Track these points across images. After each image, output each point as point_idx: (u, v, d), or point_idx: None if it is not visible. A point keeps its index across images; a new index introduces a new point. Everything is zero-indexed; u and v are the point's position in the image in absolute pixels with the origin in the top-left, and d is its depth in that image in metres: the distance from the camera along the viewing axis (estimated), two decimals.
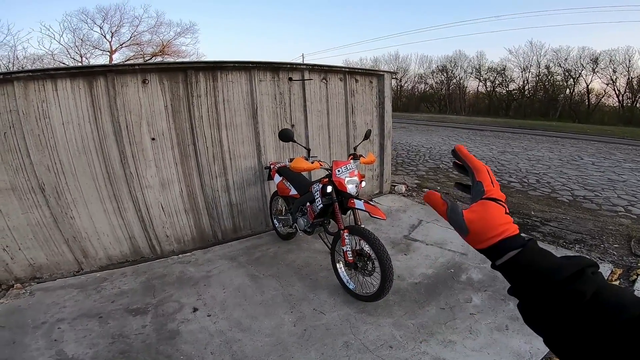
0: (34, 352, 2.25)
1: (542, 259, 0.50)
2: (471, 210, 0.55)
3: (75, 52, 22.88)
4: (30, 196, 2.98)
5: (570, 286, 0.46)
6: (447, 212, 0.57)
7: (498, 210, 0.54)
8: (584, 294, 0.45)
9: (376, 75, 5.19)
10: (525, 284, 0.50)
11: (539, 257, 0.50)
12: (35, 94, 2.85)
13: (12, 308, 2.75)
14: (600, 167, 8.27)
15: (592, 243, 3.68)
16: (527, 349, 2.19)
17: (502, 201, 0.56)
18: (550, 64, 30.02)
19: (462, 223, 0.54)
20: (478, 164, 0.59)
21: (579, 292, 0.45)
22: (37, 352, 2.25)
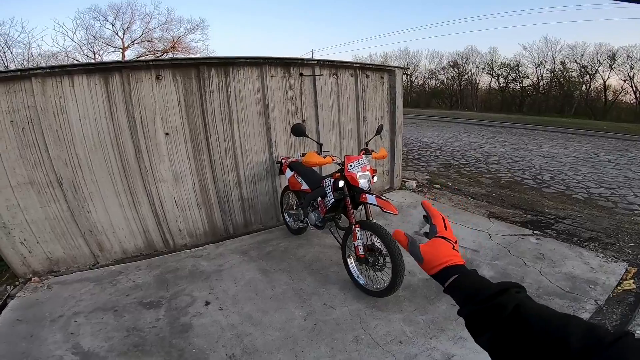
0: (51, 345, 2.30)
1: (476, 282, 0.63)
2: (426, 244, 0.71)
3: (89, 49, 23.23)
4: (48, 190, 3.06)
5: (494, 301, 0.56)
6: (407, 245, 0.74)
7: (446, 246, 0.70)
8: (505, 306, 0.54)
9: (387, 70, 5.15)
10: (463, 303, 0.61)
11: (474, 280, 0.63)
12: (52, 89, 2.92)
13: (30, 301, 2.81)
14: (616, 164, 8.08)
15: (607, 241, 3.61)
16: None
17: (452, 240, 0.71)
18: (565, 60, 29.27)
19: (418, 253, 0.71)
20: (435, 212, 0.80)
21: (500, 306, 0.55)
22: (55, 346, 2.29)
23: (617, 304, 2.59)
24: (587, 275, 2.96)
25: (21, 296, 2.89)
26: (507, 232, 3.89)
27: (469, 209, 4.69)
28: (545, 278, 2.94)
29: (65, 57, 21.84)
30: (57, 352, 2.24)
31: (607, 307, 2.55)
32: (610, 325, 2.36)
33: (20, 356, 2.20)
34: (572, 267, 3.10)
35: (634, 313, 2.43)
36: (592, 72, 27.98)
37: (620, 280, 2.87)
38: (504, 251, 3.44)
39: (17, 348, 2.27)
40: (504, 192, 5.69)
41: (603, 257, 3.26)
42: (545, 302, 2.61)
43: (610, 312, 2.49)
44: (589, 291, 2.73)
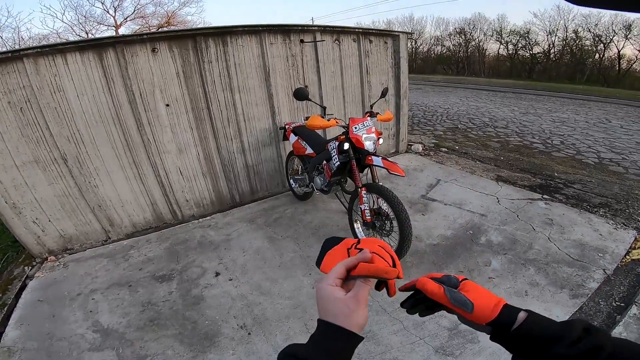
0: (73, 324, 2.35)
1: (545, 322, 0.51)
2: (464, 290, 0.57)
3: (80, 29, 22.58)
4: (53, 167, 3.06)
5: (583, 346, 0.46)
6: (444, 294, 0.57)
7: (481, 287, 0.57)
8: (602, 347, 0.45)
9: (391, 35, 4.97)
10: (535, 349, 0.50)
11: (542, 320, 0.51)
12: (46, 68, 2.85)
13: (49, 281, 2.86)
14: (628, 130, 7.85)
15: (617, 207, 3.53)
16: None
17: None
18: (579, 28, 27.93)
19: (466, 299, 0.55)
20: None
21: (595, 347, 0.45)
22: (76, 325, 2.34)
23: (625, 274, 2.53)
24: (596, 243, 2.90)
25: (39, 276, 2.94)
26: (515, 196, 3.85)
27: (477, 173, 4.62)
28: (554, 245, 2.90)
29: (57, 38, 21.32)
30: (79, 330, 2.29)
31: (615, 277, 2.49)
32: (617, 296, 2.31)
33: (45, 337, 2.24)
34: (581, 234, 3.05)
35: None
36: (607, 42, 26.76)
37: (629, 249, 2.81)
38: (512, 216, 3.40)
39: (42, 329, 2.31)
40: (512, 156, 5.59)
41: (613, 224, 3.20)
42: (553, 270, 2.59)
43: (618, 282, 2.44)
44: (598, 260, 2.68)
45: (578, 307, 2.23)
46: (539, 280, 2.48)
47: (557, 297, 2.31)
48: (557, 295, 2.33)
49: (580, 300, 2.28)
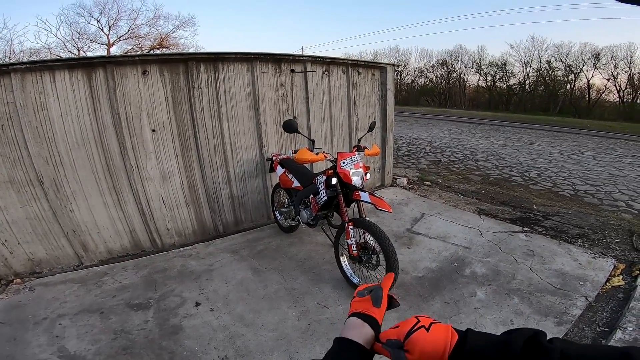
0: (36, 348, 2.21)
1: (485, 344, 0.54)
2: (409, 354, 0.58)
3: (73, 45, 22.63)
4: (28, 189, 2.93)
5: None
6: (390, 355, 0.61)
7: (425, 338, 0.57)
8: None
9: (379, 67, 5.13)
10: None
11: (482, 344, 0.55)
12: (32, 85, 2.79)
13: (13, 303, 2.71)
14: (601, 162, 8.25)
15: (595, 238, 3.66)
16: None
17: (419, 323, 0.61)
18: (551, 59, 29.82)
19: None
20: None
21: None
22: (39, 349, 2.21)
23: (606, 300, 2.61)
24: (577, 272, 2.98)
25: (3, 298, 2.78)
26: (497, 228, 3.92)
27: (460, 206, 4.70)
28: (536, 275, 2.96)
29: (48, 53, 21.25)
30: (42, 355, 2.16)
31: (597, 303, 2.57)
32: (601, 321, 2.37)
33: (5, 359, 2.12)
34: (561, 263, 3.13)
35: (624, 309, 2.44)
36: (577, 71, 28.58)
37: (609, 277, 2.91)
38: (495, 248, 3.45)
39: (1, 351, 2.19)
40: (493, 189, 5.73)
41: (591, 254, 3.30)
42: (537, 299, 2.63)
43: (601, 308, 2.51)
44: (579, 288, 2.75)
45: (563, 333, 2.27)
46: (523, 309, 2.51)
47: (542, 325, 2.34)
48: (542, 323, 2.36)
49: (565, 327, 2.33)
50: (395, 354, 0.59)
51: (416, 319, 0.62)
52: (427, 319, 0.62)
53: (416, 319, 0.61)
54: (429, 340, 0.56)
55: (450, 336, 0.57)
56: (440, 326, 0.59)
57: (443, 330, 0.58)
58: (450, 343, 0.56)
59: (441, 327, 0.59)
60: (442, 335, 0.57)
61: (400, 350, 0.58)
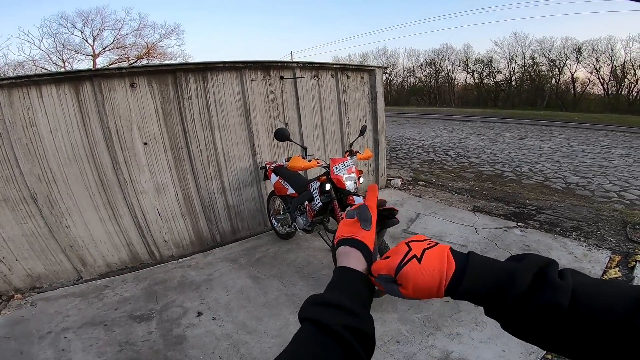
0: None
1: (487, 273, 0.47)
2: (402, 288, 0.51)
3: (57, 57, 22.35)
4: (22, 207, 2.91)
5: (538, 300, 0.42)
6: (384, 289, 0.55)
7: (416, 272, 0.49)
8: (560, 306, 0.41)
9: (367, 70, 5.17)
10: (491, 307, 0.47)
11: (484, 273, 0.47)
12: (20, 101, 2.77)
13: (16, 318, 2.71)
14: (590, 154, 8.38)
15: (589, 230, 3.70)
16: None
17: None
18: (535, 54, 30.30)
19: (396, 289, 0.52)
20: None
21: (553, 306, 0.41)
22: None
23: None
24: (573, 265, 3.00)
25: (6, 313, 2.78)
26: (492, 225, 3.96)
27: (454, 204, 4.75)
28: None
29: (32, 66, 20.97)
30: None
31: None
32: None
33: None
34: (557, 257, 3.15)
35: None
36: (561, 66, 29.05)
37: (605, 269, 2.93)
38: (491, 245, 3.48)
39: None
40: (486, 186, 5.80)
41: (586, 246, 3.34)
42: None
43: None
44: None
45: None
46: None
47: None
48: None
49: None
50: (389, 287, 0.53)
51: (407, 246, 0.53)
52: (419, 244, 0.53)
53: (407, 247, 0.52)
54: (423, 273, 0.49)
55: (447, 266, 0.49)
56: (434, 254, 0.50)
57: (437, 259, 0.49)
58: (446, 275, 0.48)
59: (435, 255, 0.50)
60: (437, 267, 0.49)
61: (394, 283, 0.52)
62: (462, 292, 0.47)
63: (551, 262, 0.46)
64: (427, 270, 0.49)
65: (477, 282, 0.47)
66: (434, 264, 0.49)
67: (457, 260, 0.49)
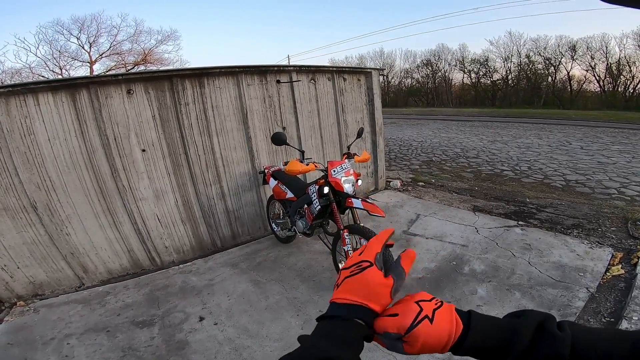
0: None
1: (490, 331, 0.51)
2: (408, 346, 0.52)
3: (54, 64, 22.44)
4: (22, 215, 2.91)
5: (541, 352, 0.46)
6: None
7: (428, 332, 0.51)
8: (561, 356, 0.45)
9: (364, 73, 5.19)
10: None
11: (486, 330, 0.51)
12: (17, 109, 2.77)
13: (18, 325, 2.72)
14: (588, 151, 8.39)
15: (590, 227, 3.69)
16: None
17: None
18: (530, 53, 30.37)
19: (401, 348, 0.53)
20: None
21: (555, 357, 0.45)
22: None
23: (608, 290, 2.61)
24: (575, 263, 3.00)
25: (9, 320, 2.79)
26: (492, 224, 3.95)
27: (454, 204, 4.75)
28: (535, 269, 2.97)
29: (29, 73, 21.04)
30: None
31: (600, 294, 2.57)
32: (605, 312, 2.38)
33: None
34: (559, 255, 3.15)
35: (627, 299, 2.43)
36: (556, 64, 29.11)
37: (608, 266, 2.91)
38: (492, 244, 3.48)
39: None
40: (485, 185, 5.80)
41: (588, 244, 3.32)
42: (538, 292, 2.64)
43: (604, 299, 2.51)
44: (580, 279, 2.76)
45: None
46: (526, 304, 2.52)
47: None
48: None
49: (570, 319, 2.31)
50: (392, 344, 0.54)
51: (418, 306, 0.53)
52: (428, 304, 0.54)
53: (418, 307, 0.53)
54: (433, 334, 0.50)
55: (455, 326, 0.51)
56: (444, 315, 0.52)
57: (447, 319, 0.52)
58: (454, 335, 0.51)
59: (445, 315, 0.52)
60: (447, 326, 0.51)
61: (398, 341, 0.52)
62: (467, 349, 0.50)
63: (549, 317, 0.51)
64: (438, 331, 0.51)
65: (481, 339, 0.50)
66: (445, 324, 0.51)
67: (462, 319, 0.53)
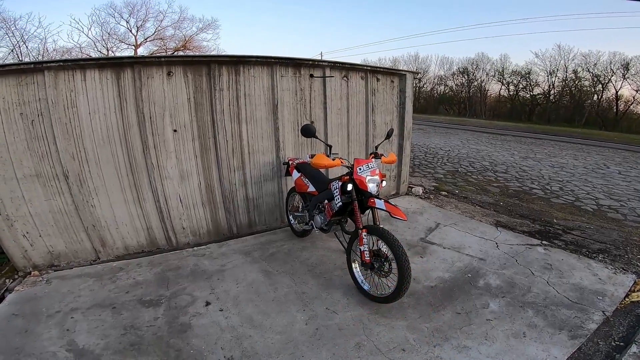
0: (45, 341, 2.27)
1: None
2: None
3: (102, 45, 23.51)
4: (53, 183, 3.06)
5: None
6: None
7: None
8: None
9: (398, 74, 5.12)
10: None
11: None
12: (64, 83, 2.93)
13: (28, 296, 2.80)
14: (626, 176, 7.96)
15: (616, 253, 3.55)
16: (544, 357, 2.13)
17: None
18: (578, 68, 28.98)
19: None
20: None
21: None
22: (49, 342, 2.26)
23: (624, 315, 2.54)
24: (595, 287, 2.90)
25: (19, 290, 2.88)
26: (514, 241, 3.83)
27: (476, 217, 4.62)
28: (552, 288, 2.88)
29: (79, 52, 22.15)
30: (51, 348, 2.21)
31: (615, 318, 2.50)
32: (617, 336, 2.31)
33: (14, 351, 2.18)
34: (580, 278, 3.05)
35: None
36: (605, 82, 27.66)
37: (628, 292, 2.82)
38: (511, 260, 3.37)
39: (10, 343, 2.25)
40: (511, 201, 5.61)
41: (612, 269, 3.20)
42: (552, 312, 2.57)
43: (618, 323, 2.45)
44: (597, 302, 2.68)
45: (577, 347, 2.23)
46: (537, 322, 2.46)
47: (556, 339, 2.29)
48: (556, 337, 2.31)
49: (579, 341, 2.27)
50: None
51: None
52: None
53: None
54: None
55: None
56: None
57: None
58: None
59: None
60: None
61: None
62: None
63: None
64: None
65: None
66: None
67: None
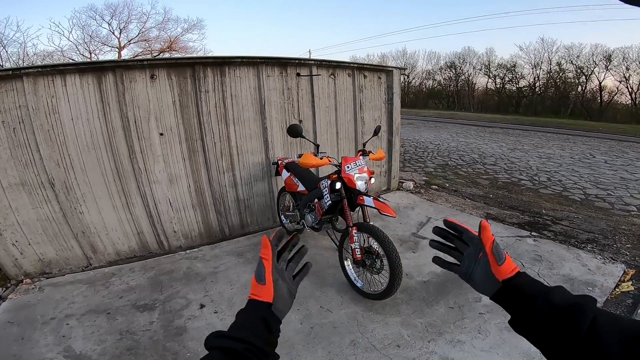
0: (43, 348, 2.27)
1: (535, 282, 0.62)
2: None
3: (85, 48, 23.06)
4: (40, 191, 3.01)
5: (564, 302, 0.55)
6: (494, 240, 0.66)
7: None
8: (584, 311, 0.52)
9: (385, 71, 5.13)
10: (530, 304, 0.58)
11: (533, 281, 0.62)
12: (44, 89, 2.87)
13: (22, 303, 2.78)
14: (612, 165, 8.11)
15: (605, 243, 3.61)
16: (537, 349, 2.15)
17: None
18: (562, 60, 29.35)
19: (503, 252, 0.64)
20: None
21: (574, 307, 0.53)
22: (46, 349, 2.26)
23: (615, 305, 2.59)
24: (585, 277, 2.95)
25: (13, 298, 2.86)
26: (504, 233, 3.88)
27: (466, 210, 4.67)
28: (543, 280, 2.92)
29: (60, 56, 21.67)
30: (48, 355, 2.21)
31: (605, 309, 2.52)
32: None
33: (12, 359, 2.17)
34: (569, 269, 3.09)
35: (633, 315, 2.42)
36: (588, 73, 28.10)
37: (618, 282, 2.87)
38: None
39: (8, 350, 2.25)
40: (501, 193, 5.68)
41: (601, 259, 3.25)
42: None
43: None
44: (587, 293, 2.71)
45: None
46: None
47: None
48: None
49: None
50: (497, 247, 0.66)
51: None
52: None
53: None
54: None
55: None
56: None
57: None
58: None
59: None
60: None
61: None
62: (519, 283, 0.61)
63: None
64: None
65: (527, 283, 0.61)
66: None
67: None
